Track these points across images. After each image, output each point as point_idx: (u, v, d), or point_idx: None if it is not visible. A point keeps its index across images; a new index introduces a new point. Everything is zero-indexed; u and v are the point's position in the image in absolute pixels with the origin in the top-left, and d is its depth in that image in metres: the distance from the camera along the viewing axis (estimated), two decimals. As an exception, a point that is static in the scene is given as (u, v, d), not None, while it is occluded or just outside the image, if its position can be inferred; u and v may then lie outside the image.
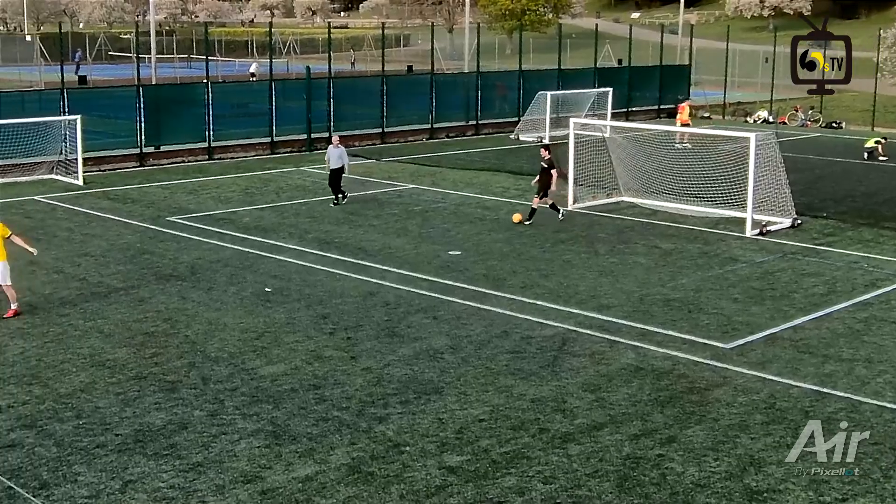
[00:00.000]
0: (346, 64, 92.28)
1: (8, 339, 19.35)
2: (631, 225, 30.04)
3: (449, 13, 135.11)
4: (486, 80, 54.57)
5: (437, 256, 25.78)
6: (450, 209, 32.29)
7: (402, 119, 50.16)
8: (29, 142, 36.71)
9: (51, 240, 27.47)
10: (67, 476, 13.78)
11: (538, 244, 27.27)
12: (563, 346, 19.03)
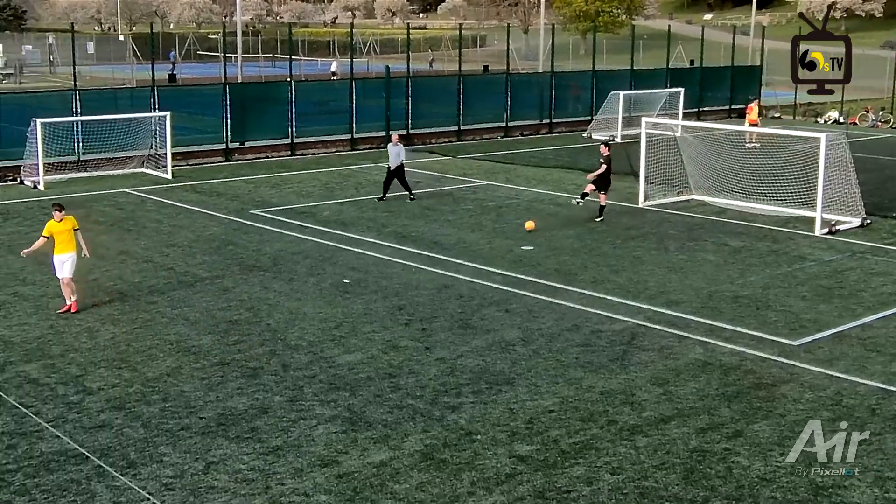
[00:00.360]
0: (424, 64, 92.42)
1: (99, 324, 19.71)
2: (700, 223, 29.72)
3: (524, 14, 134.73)
4: (560, 80, 54.33)
5: (510, 251, 25.74)
6: (523, 205, 32.21)
7: (478, 117, 50.12)
8: (121, 137, 37.31)
9: (141, 230, 27.91)
10: (153, 456, 14.00)
11: (609, 240, 27.10)
12: (632, 340, 18.90)
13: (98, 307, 20.82)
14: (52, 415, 15.37)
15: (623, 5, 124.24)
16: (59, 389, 16.40)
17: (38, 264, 23.05)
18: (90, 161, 37.58)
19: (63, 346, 18.47)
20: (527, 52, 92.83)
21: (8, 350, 18.21)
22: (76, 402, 15.87)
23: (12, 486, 13.13)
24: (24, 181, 35.46)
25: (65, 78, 70.25)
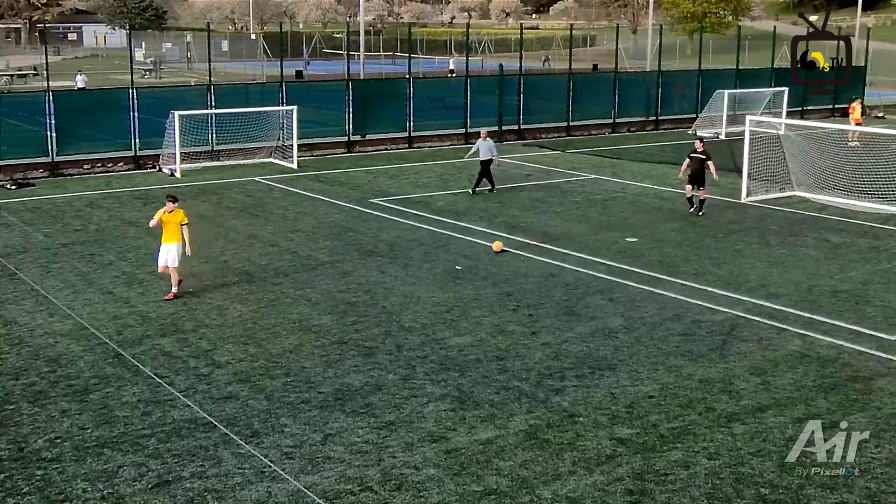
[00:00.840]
0: (536, 62, 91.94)
1: (228, 303, 20.11)
2: (802, 218, 29.04)
3: (633, 15, 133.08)
4: (666, 79, 53.58)
5: (614, 242, 25.51)
6: (628, 199, 31.89)
7: (587, 114, 49.75)
8: (251, 129, 37.98)
9: (268, 216, 28.39)
10: (275, 427, 14.25)
11: (711, 234, 26.66)
12: (731, 331, 18.58)
13: (227, 287, 21.25)
14: (183, 385, 15.76)
15: (730, 7, 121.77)
16: (190, 362, 16.81)
17: (174, 246, 23.64)
18: (223, 151, 38.33)
19: (195, 322, 18.91)
20: (635, 51, 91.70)
21: (145, 324, 18.72)
22: (206, 375, 16.24)
23: (146, 450, 13.51)
24: (162, 169, 36.35)
25: (200, 73, 71.72)
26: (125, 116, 37.16)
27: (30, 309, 19.72)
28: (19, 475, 12.87)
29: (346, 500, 12.20)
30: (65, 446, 13.69)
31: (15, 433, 14.10)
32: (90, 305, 19.84)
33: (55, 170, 35.84)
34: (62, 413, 14.77)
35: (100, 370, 16.43)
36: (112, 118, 37.33)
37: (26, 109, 38.41)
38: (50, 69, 39.04)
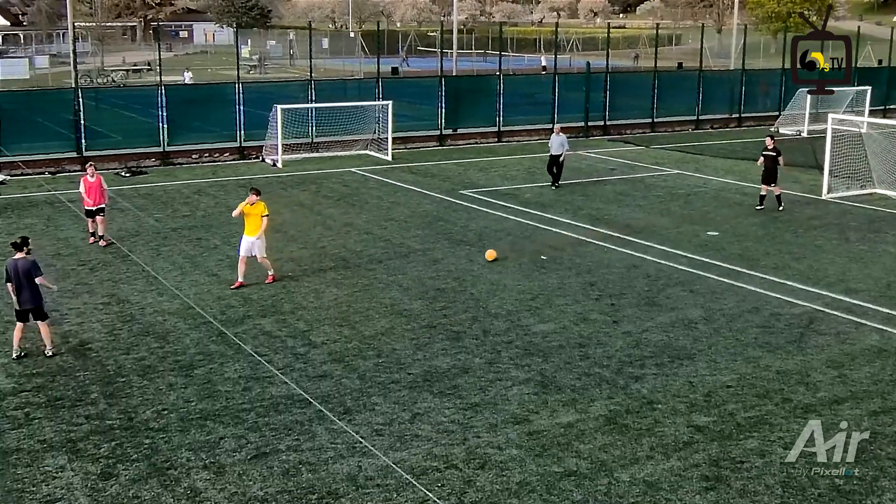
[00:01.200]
0: (623, 60, 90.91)
1: (324, 287, 20.34)
2: (882, 216, 28.28)
3: (719, 15, 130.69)
4: (750, 77, 52.57)
5: (696, 236, 25.16)
6: (710, 193, 31.40)
7: (671, 111, 49.09)
8: (349, 122, 38.33)
9: (363, 205, 28.61)
10: (367, 405, 14.38)
11: (791, 229, 26.12)
12: (809, 324, 18.20)
13: (324, 272, 21.49)
14: (281, 363, 16.00)
15: (814, 7, 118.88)
16: (288, 342, 17.04)
17: (274, 231, 23.98)
18: (322, 143, 38.73)
19: (293, 304, 19.17)
20: (719, 50, 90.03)
21: (247, 305, 19.04)
22: (302, 354, 16.46)
23: (246, 423, 13.75)
24: (265, 159, 36.87)
25: (302, 69, 72.49)
26: (231, 109, 37.77)
27: (141, 288, 20.20)
28: (129, 443, 13.21)
29: (432, 476, 12.27)
30: (171, 417, 14.00)
31: (125, 404, 14.47)
32: (196, 286, 20.24)
33: (166, 159, 36.61)
34: (169, 386, 15.11)
35: (204, 347, 16.76)
36: (219, 111, 37.98)
37: (140, 102, 39.34)
38: (162, 65, 39.85)
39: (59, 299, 19.47)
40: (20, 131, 34.82)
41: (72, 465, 12.64)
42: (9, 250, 16.49)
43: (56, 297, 19.63)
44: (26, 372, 15.71)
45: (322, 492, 11.91)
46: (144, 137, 36.98)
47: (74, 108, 35.61)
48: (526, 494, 11.87)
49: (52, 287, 17.03)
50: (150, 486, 12.08)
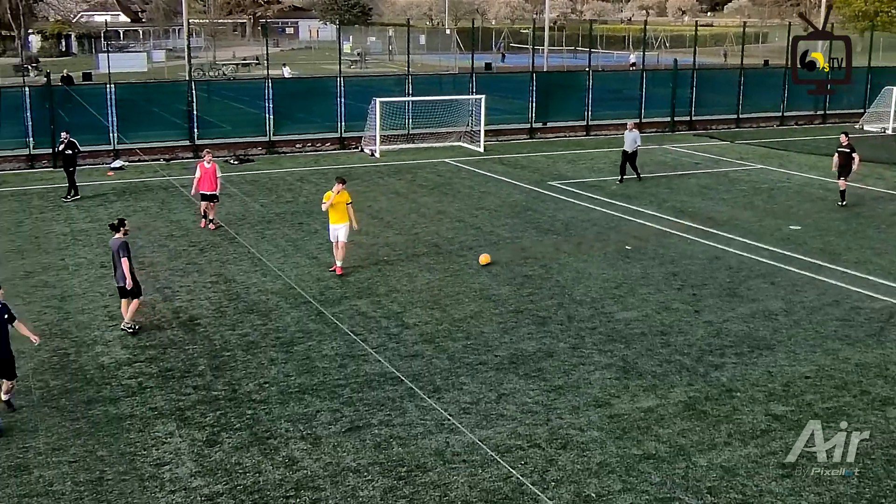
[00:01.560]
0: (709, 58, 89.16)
1: (417, 271, 20.45)
2: (967, 213, 27.30)
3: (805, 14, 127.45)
4: (836, 75, 51.08)
5: (778, 229, 24.62)
6: (794, 188, 30.69)
7: (756, 107, 48.02)
8: (443, 115, 38.42)
9: (455, 194, 28.67)
10: (455, 384, 14.44)
11: (874, 224, 25.38)
12: (890, 318, 17.68)
13: (417, 257, 21.61)
14: (375, 342, 16.15)
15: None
16: (382, 322, 17.20)
17: (371, 217, 24.21)
18: (417, 134, 38.91)
19: (387, 286, 19.33)
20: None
21: (344, 287, 19.25)
22: (395, 334, 16.59)
23: (341, 398, 13.94)
24: (363, 149, 37.19)
25: (400, 64, 72.88)
26: (333, 102, 38.18)
27: (246, 269, 20.58)
28: (233, 413, 13.50)
29: (516, 454, 12.28)
30: (271, 390, 14.26)
31: (230, 376, 14.78)
32: (298, 268, 20.54)
33: (271, 148, 37.18)
34: (270, 361, 15.38)
35: (304, 325, 17.01)
36: (321, 103, 38.42)
37: (249, 94, 40.03)
38: (269, 59, 40.44)
39: (171, 277, 19.98)
40: (138, 121, 35.75)
41: (180, 431, 12.97)
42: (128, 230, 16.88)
43: (168, 274, 20.15)
44: (140, 344, 16.15)
45: (411, 465, 12.01)
46: (252, 127, 37.62)
47: (188, 99, 36.38)
48: (606, 475, 11.80)
49: (128, 278, 16.43)
50: (252, 453, 12.33)
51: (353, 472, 11.84)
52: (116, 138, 34.97)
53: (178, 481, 11.66)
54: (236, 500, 11.24)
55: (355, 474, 11.80)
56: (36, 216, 25.88)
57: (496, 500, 11.24)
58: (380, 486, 11.53)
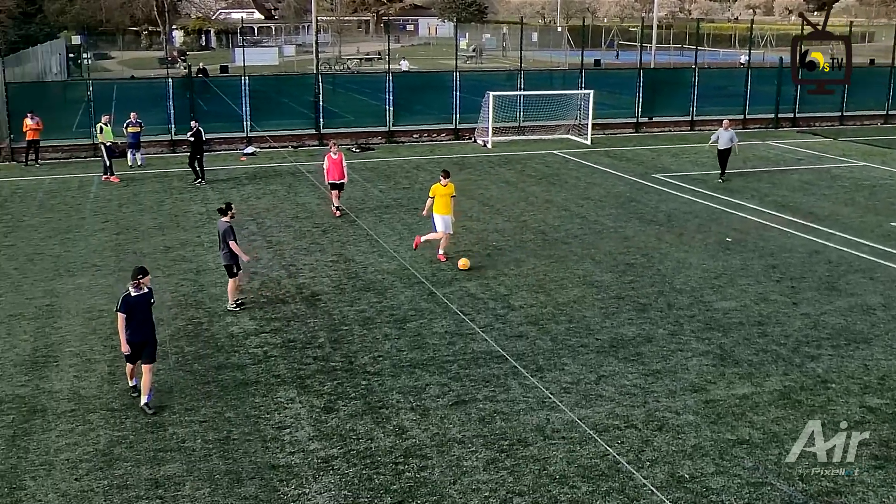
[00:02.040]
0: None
1: (524, 256, 20.39)
2: None
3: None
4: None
5: (879, 226, 23.70)
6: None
7: (861, 105, 46.16)
8: (553, 109, 38.16)
9: (562, 185, 28.47)
10: (557, 365, 14.39)
11: (978, 224, 24.22)
12: None
13: (524, 243, 21.56)
14: (483, 322, 16.20)
15: None
16: (490, 304, 17.23)
17: (481, 205, 24.18)
18: (527, 127, 38.74)
19: (496, 270, 19.34)
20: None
21: (455, 269, 19.35)
22: (502, 315, 16.61)
23: (449, 373, 14.04)
24: (476, 140, 37.23)
25: (513, 60, 72.59)
26: (449, 95, 38.29)
27: (365, 250, 20.87)
28: (349, 383, 13.74)
29: (613, 433, 12.18)
30: (385, 363, 14.45)
31: (347, 349, 15.04)
32: (412, 251, 20.72)
33: (390, 137, 37.54)
34: (384, 336, 15.58)
35: (416, 304, 17.17)
36: (438, 96, 38.58)
37: (371, 87, 40.44)
38: (390, 54, 40.80)
39: (295, 255, 20.41)
40: (269, 110, 36.55)
41: (300, 398, 13.27)
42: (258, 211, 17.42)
43: (293, 253, 20.59)
44: (266, 316, 16.55)
45: (513, 439, 12.03)
46: (373, 118, 38.05)
47: (315, 91, 36.99)
48: (699, 457, 11.61)
49: (244, 256, 16.84)
50: (365, 421, 12.53)
51: (458, 443, 11.92)
52: (249, 126, 35.83)
53: (297, 444, 11.94)
54: (349, 463, 11.45)
55: (460, 445, 11.88)
56: (175, 196, 26.75)
57: (592, 476, 11.18)
58: (483, 458, 11.58)
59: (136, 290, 12.81)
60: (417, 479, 11.10)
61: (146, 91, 38.33)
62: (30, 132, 31.21)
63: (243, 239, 21.79)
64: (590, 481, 11.06)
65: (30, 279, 18.92)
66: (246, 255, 16.95)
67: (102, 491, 10.86)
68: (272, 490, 10.80)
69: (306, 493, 10.80)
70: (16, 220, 23.99)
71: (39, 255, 20.53)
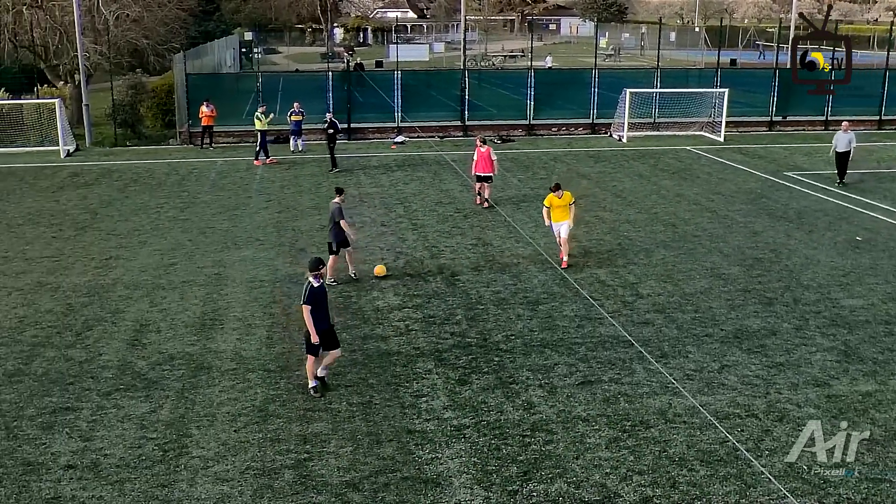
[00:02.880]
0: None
1: (654, 247, 19.99)
2: None
3: None
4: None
5: None
6: None
7: None
8: (688, 106, 37.14)
9: (693, 180, 27.73)
10: (681, 352, 14.08)
11: None
12: None
13: (654, 234, 21.13)
14: (611, 308, 15.99)
15: None
16: (618, 290, 16.99)
17: (614, 196, 23.82)
18: (662, 123, 37.89)
19: (626, 259, 19.04)
20: None
21: (586, 256, 19.15)
22: (629, 302, 16.35)
23: (577, 355, 13.93)
24: (612, 135, 36.67)
25: (650, 59, 70.99)
26: (587, 91, 37.83)
27: (502, 235, 20.90)
28: (482, 358, 13.82)
29: (733, 421, 11.83)
30: (516, 342, 14.46)
31: (482, 327, 15.12)
32: (547, 238, 20.59)
33: (530, 130, 37.39)
34: (517, 317, 15.59)
35: (549, 288, 17.10)
36: (576, 92, 38.16)
37: (513, 82, 40.37)
38: (533, 52, 40.56)
39: (438, 238, 20.64)
40: (418, 102, 37.00)
41: (436, 370, 13.44)
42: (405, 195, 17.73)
43: (436, 236, 20.83)
44: (409, 293, 16.81)
45: (635, 420, 11.86)
46: (514, 112, 37.97)
47: (461, 85, 37.20)
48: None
49: (352, 235, 17.43)
50: (496, 395, 12.59)
51: (583, 421, 11.83)
52: (400, 117, 36.36)
53: (433, 412, 12.11)
54: (480, 433, 11.53)
55: (584, 423, 11.79)
56: (332, 180, 27.41)
57: (711, 461, 10.90)
58: (605, 436, 11.46)
59: (317, 281, 12.38)
60: (543, 452, 11.08)
61: (308, 83, 39.38)
62: (205, 118, 32.63)
63: (392, 220, 22.21)
64: (708, 466, 10.80)
65: (201, 250, 19.82)
66: (354, 234, 17.70)
67: (257, 443, 11.31)
68: (408, 452, 10.99)
69: (439, 458, 10.95)
70: (191, 197, 25.14)
71: (210, 229, 21.48)
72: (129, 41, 42.47)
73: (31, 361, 13.81)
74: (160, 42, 44.35)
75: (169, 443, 11.32)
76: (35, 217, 23.03)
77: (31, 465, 10.83)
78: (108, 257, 19.37)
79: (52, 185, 27.16)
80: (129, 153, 33.13)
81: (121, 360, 13.84)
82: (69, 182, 27.58)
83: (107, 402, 12.41)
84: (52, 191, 26.27)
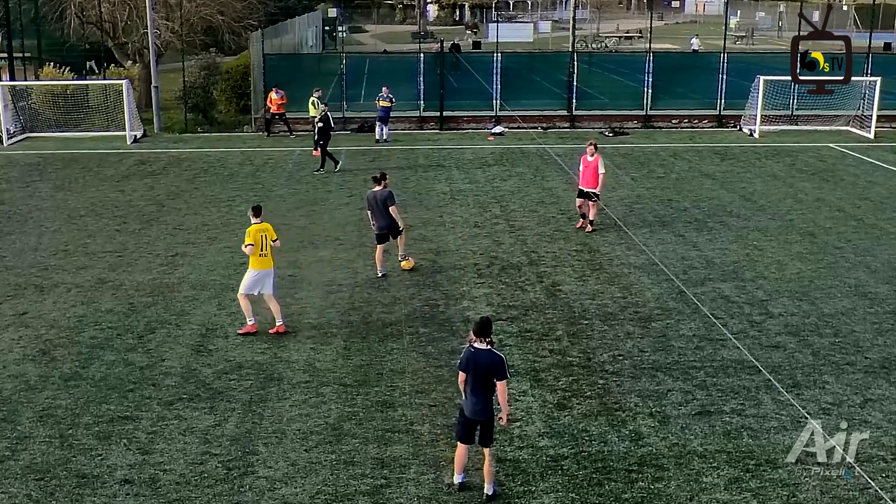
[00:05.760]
0: None
1: (788, 259, 19.50)
2: None
3: None
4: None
5: None
6: None
7: None
8: (832, 97, 36.15)
9: (837, 182, 26.98)
10: (817, 382, 13.70)
11: None
12: None
13: (789, 244, 20.60)
14: (736, 328, 15.68)
15: None
16: (745, 308, 16.65)
17: (742, 199, 23.34)
18: (801, 116, 37.01)
19: (754, 272, 18.65)
20: None
21: (709, 268, 18.83)
22: (758, 322, 16.00)
23: (694, 380, 13.70)
24: (742, 128, 35.99)
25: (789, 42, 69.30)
26: (714, 78, 37.23)
27: (612, 241, 20.71)
28: (584, 381, 13.72)
29: (877, 465, 11.45)
30: (625, 363, 14.31)
31: (585, 344, 15.01)
32: (662, 245, 20.34)
33: (647, 122, 36.99)
34: (626, 335, 15.43)
35: (663, 303, 16.87)
36: (701, 79, 37.65)
37: (628, 67, 40.12)
38: (653, 33, 40.12)
39: (538, 242, 20.60)
40: (519, 88, 37.00)
41: (533, 391, 13.40)
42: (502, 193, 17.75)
43: (536, 239, 20.79)
44: (504, 304, 16.81)
45: (760, 458, 11.59)
46: (629, 100, 37.65)
47: (569, 70, 37.06)
48: (982, 502, 10.70)
49: (402, 222, 18.40)
50: (599, 423, 12.47)
51: (699, 457, 11.63)
52: (498, 105, 36.42)
53: (526, 438, 12.07)
54: (580, 465, 11.44)
55: (701, 459, 11.59)
56: (420, 174, 27.65)
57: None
58: (725, 475, 11.24)
59: (481, 346, 10.80)
60: (651, 490, 10.93)
61: (398, 66, 39.86)
62: (274, 106, 33.18)
63: (487, 220, 22.25)
64: (847, 515, 10.49)
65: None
66: (402, 221, 18.42)
67: (329, 464, 11.47)
68: (497, 483, 10.98)
69: (531, 491, 10.91)
70: (266, 190, 25.69)
71: (286, 226, 21.88)
72: (203, 17, 43.69)
73: (90, 365, 14.32)
74: (236, 19, 45.47)
75: (233, 460, 11.58)
76: (98, 208, 23.89)
77: (85, 477, 11.22)
78: (174, 254, 19.95)
79: (116, 173, 28.15)
80: (200, 140, 34.08)
81: (184, 367, 14.23)
82: (135, 171, 28.53)
83: (168, 413, 12.77)
84: (117, 180, 27.22)
